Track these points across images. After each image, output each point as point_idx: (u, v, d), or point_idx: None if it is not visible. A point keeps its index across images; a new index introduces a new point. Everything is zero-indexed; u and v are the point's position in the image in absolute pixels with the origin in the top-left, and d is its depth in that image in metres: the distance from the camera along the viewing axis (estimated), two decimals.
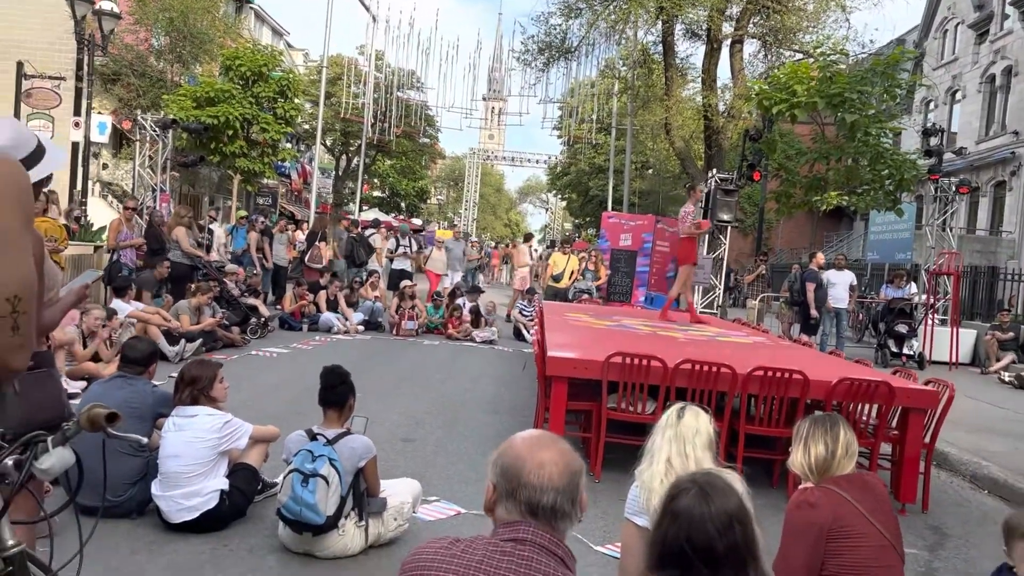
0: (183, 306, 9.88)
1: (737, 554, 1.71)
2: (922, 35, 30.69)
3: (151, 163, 16.31)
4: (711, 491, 1.77)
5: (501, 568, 1.61)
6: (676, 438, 2.83)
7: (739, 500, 1.78)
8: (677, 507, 1.77)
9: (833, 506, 2.71)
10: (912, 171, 13.16)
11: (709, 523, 1.71)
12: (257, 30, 34.61)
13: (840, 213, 29.97)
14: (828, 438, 2.86)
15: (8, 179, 1.53)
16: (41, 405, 2.36)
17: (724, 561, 1.70)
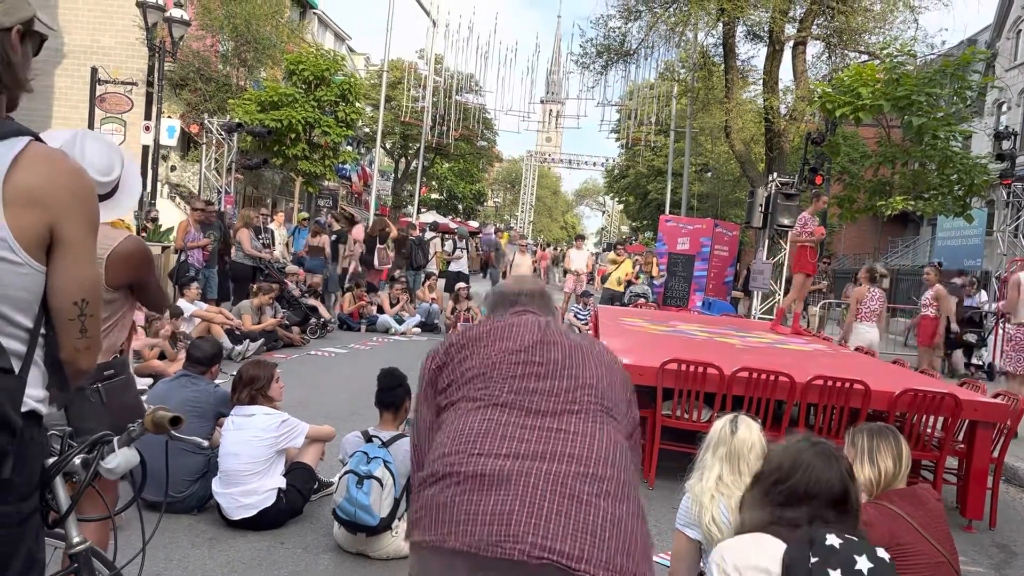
0: (245, 306, 10.12)
1: (852, 504, 2.05)
2: (994, 35, 29.65)
3: (217, 165, 16.77)
4: (830, 451, 2.12)
5: (520, 323, 2.11)
6: (730, 456, 2.79)
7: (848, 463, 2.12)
8: (804, 459, 2.07)
9: (887, 523, 2.63)
10: (983, 175, 12.73)
11: (834, 475, 2.04)
12: (320, 35, 35.26)
13: (905, 218, 29.09)
14: (895, 452, 2.79)
15: (77, 188, 1.60)
16: (125, 411, 2.48)
17: (843, 507, 2.03)
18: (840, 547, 1.91)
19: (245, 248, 12.00)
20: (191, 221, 11.58)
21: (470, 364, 1.97)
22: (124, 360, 2.88)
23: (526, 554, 1.53)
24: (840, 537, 1.94)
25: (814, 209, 10.12)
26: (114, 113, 19.07)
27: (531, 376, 1.87)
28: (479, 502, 1.61)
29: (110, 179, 2.65)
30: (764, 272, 15.89)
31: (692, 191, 30.88)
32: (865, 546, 1.97)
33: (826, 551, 1.90)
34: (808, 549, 1.91)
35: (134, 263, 2.79)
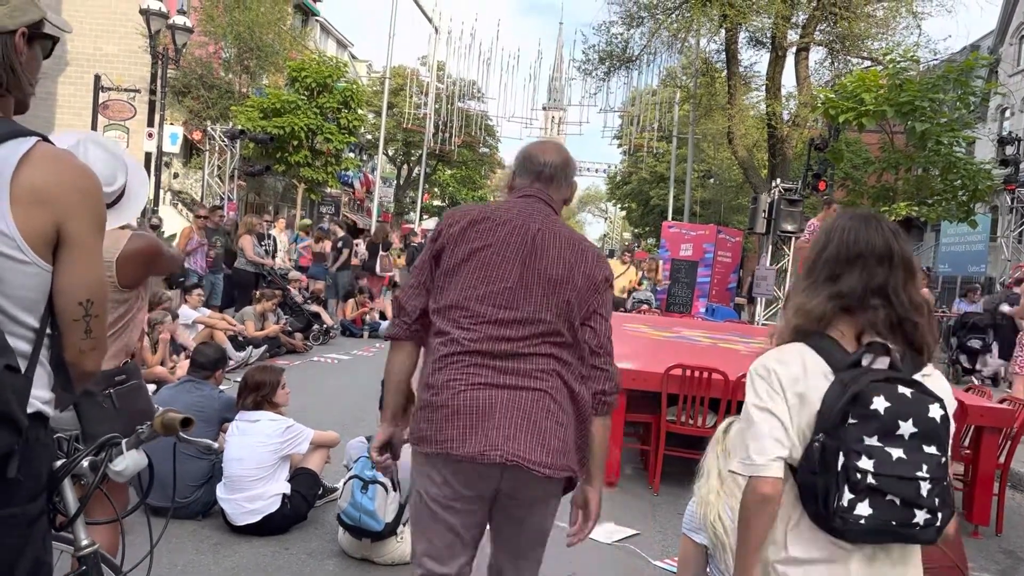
0: (248, 312, 10.12)
1: (906, 259, 1.86)
2: (997, 41, 29.66)
3: (219, 172, 16.81)
4: (868, 215, 1.95)
5: (517, 207, 2.36)
6: (724, 453, 2.79)
7: (896, 227, 1.95)
8: (839, 224, 1.94)
9: None
10: (987, 181, 12.70)
11: (873, 232, 1.87)
12: (322, 42, 35.37)
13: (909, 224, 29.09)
14: None
15: (83, 188, 1.59)
16: (137, 416, 2.47)
17: (890, 263, 1.84)
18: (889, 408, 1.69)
19: (248, 255, 12.02)
20: (194, 228, 11.59)
21: (458, 282, 2.27)
22: (135, 365, 2.88)
23: (506, 458, 2.10)
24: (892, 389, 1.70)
25: (824, 216, 9.94)
26: (117, 120, 19.14)
27: (503, 323, 2.22)
28: (469, 423, 2.14)
29: (113, 189, 2.64)
30: (768, 278, 15.88)
31: (695, 197, 30.88)
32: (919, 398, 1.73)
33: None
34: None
35: (145, 259, 2.81)
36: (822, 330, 1.84)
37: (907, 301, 1.82)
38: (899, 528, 1.68)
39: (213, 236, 11.84)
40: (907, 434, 1.68)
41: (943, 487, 1.69)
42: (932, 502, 1.67)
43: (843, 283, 1.84)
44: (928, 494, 1.67)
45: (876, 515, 1.66)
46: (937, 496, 1.68)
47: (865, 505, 1.65)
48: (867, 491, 1.65)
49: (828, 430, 1.70)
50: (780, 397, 1.78)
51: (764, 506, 1.74)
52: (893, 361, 1.76)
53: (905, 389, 1.71)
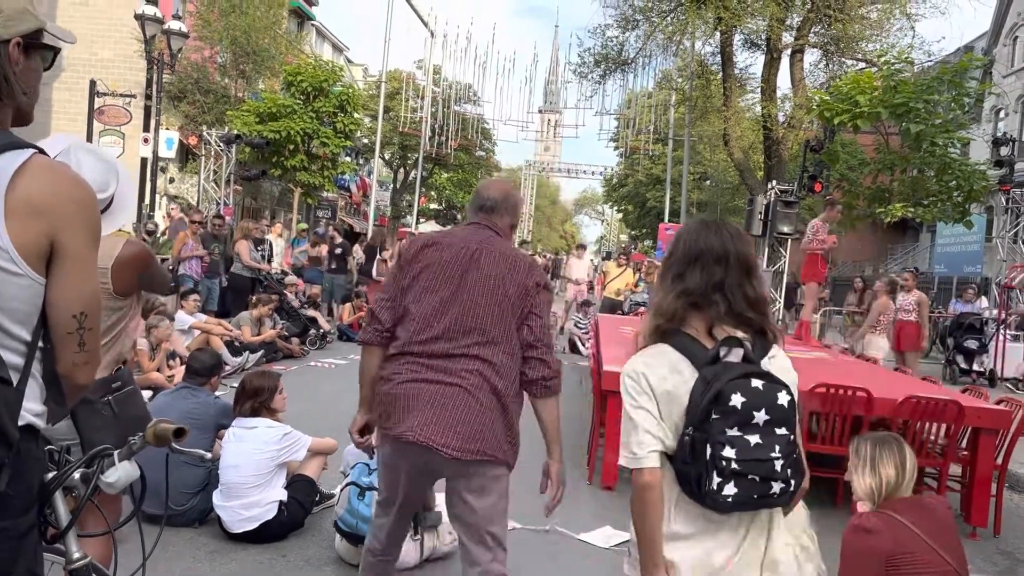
0: (245, 317, 10.10)
1: (742, 259, 2.10)
2: (991, 42, 29.76)
3: (215, 177, 16.79)
4: (713, 222, 2.23)
5: (464, 232, 2.86)
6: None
7: (736, 230, 2.20)
8: (684, 230, 2.25)
9: (893, 532, 2.61)
10: (982, 182, 12.73)
11: (713, 237, 2.12)
12: (318, 46, 35.36)
13: (905, 225, 29.16)
14: (897, 461, 2.77)
15: (78, 200, 1.58)
16: (135, 422, 2.46)
17: (726, 264, 2.07)
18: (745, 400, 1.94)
19: (244, 260, 12.00)
20: (189, 233, 11.58)
21: (409, 295, 2.76)
22: (128, 371, 2.87)
23: (417, 439, 2.60)
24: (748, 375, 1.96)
25: (827, 217, 9.83)
26: (112, 126, 19.10)
27: (439, 329, 2.68)
28: (401, 410, 2.66)
29: (105, 195, 2.64)
30: (764, 280, 15.86)
31: (691, 199, 30.91)
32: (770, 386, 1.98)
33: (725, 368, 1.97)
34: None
35: (138, 266, 2.82)
36: (678, 327, 2.08)
37: (743, 297, 2.07)
38: (760, 499, 1.95)
39: (212, 243, 11.83)
40: (761, 421, 1.93)
41: (793, 460, 1.97)
42: (785, 474, 1.95)
43: (688, 281, 2.09)
44: (782, 468, 1.94)
45: (740, 493, 1.92)
46: (789, 468, 1.96)
47: (731, 486, 1.91)
48: (731, 475, 1.91)
49: (695, 424, 1.95)
50: (649, 397, 2.02)
51: (648, 492, 1.99)
52: (746, 352, 2.00)
53: (758, 382, 1.95)
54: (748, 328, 2.06)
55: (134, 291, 2.84)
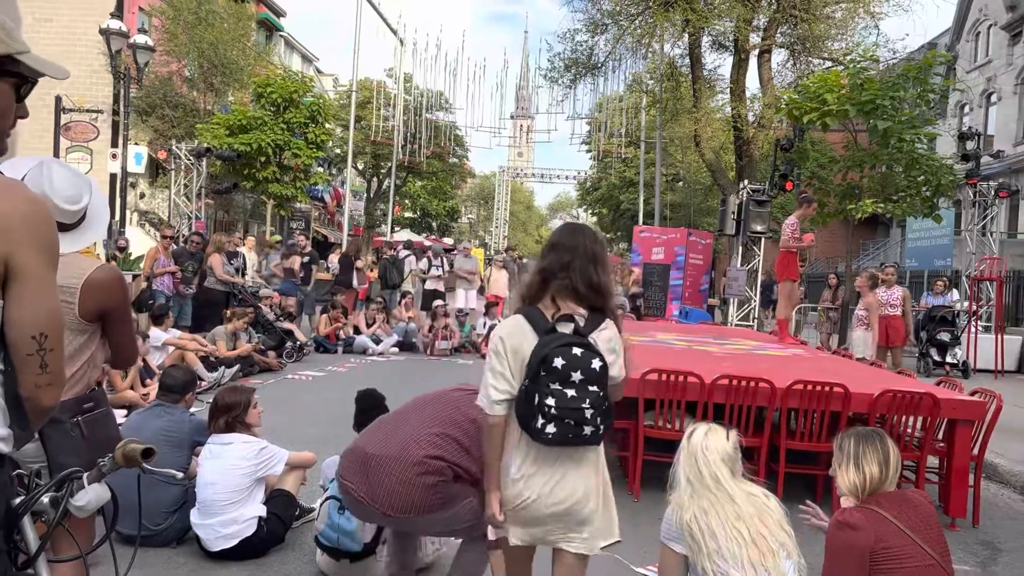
0: (220, 332, 10.00)
1: (591, 252, 2.71)
2: (954, 38, 30.25)
3: (186, 191, 16.62)
4: (576, 225, 2.90)
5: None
6: (689, 462, 2.83)
7: (593, 233, 2.82)
8: (558, 229, 2.89)
9: (875, 527, 2.63)
10: (949, 176, 12.91)
11: (566, 233, 2.80)
12: (287, 57, 35.18)
13: (876, 220, 29.53)
14: (881, 456, 2.79)
15: (32, 218, 1.54)
16: (105, 444, 2.38)
17: (568, 251, 2.71)
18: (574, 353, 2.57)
19: (217, 274, 11.88)
20: (160, 248, 11.44)
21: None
22: (101, 392, 2.79)
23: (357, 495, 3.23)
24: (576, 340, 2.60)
25: (802, 214, 9.81)
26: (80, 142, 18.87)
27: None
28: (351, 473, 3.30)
29: (78, 207, 2.59)
30: (739, 279, 16.01)
31: (664, 201, 31.06)
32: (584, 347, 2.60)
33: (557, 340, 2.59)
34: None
35: (108, 291, 2.66)
36: (534, 303, 2.71)
37: (586, 279, 2.67)
38: (574, 438, 2.58)
39: (187, 260, 11.70)
40: (577, 380, 2.55)
41: (602, 410, 2.59)
42: (595, 420, 2.58)
43: (545, 261, 2.73)
44: (591, 416, 2.57)
45: (558, 432, 2.56)
46: (599, 416, 2.58)
47: (551, 426, 2.55)
48: (552, 418, 2.55)
49: (530, 379, 2.58)
50: (503, 357, 2.66)
51: (493, 430, 2.69)
52: (576, 325, 2.63)
53: (578, 350, 2.57)
54: (587, 306, 2.67)
55: (96, 319, 2.67)
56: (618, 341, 2.72)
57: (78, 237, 2.63)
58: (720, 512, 2.69)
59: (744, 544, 2.62)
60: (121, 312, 2.73)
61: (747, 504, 2.71)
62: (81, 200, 2.60)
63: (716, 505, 2.70)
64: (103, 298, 2.63)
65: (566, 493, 2.67)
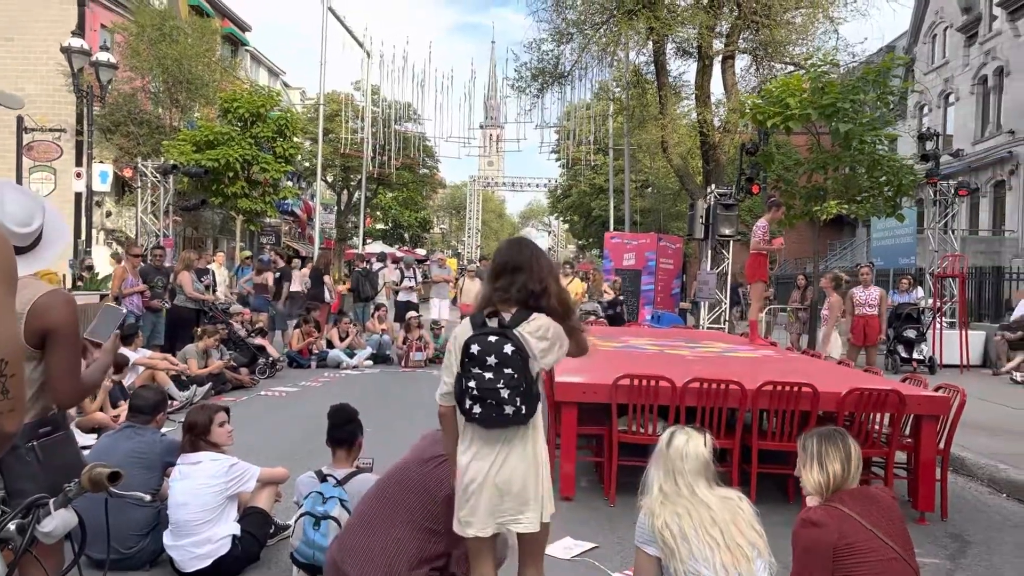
0: (190, 350, 9.90)
1: (504, 270, 3.03)
2: (911, 41, 30.85)
3: (153, 209, 16.44)
4: (519, 239, 3.29)
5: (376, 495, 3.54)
6: (666, 468, 2.88)
7: (524, 246, 3.14)
8: (498, 247, 3.21)
9: (838, 524, 2.69)
10: (910, 176, 13.17)
11: (512, 251, 3.09)
12: (253, 71, 34.97)
13: (841, 221, 29.97)
14: (843, 455, 2.85)
15: None
16: (64, 470, 2.33)
17: (514, 269, 3.00)
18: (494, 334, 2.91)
19: (187, 291, 11.76)
20: (127, 268, 11.29)
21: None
22: (62, 415, 2.71)
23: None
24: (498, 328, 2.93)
25: (771, 217, 9.90)
26: (43, 161, 18.61)
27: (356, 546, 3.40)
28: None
29: (30, 230, 2.56)
30: (709, 282, 16.16)
31: (634, 207, 31.30)
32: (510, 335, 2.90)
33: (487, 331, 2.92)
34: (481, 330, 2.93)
35: (49, 316, 2.47)
36: (485, 308, 3.00)
37: (523, 292, 2.96)
38: (498, 418, 2.87)
39: (155, 276, 11.55)
40: (492, 364, 2.85)
41: (520, 391, 2.85)
42: (515, 401, 2.84)
43: (495, 283, 3.04)
44: (509, 396, 2.84)
45: (483, 412, 2.87)
46: (517, 396, 2.85)
47: (477, 407, 2.87)
48: (475, 399, 2.87)
49: (460, 366, 2.93)
50: (454, 354, 2.99)
51: (444, 419, 3.09)
52: (500, 319, 2.94)
53: (493, 337, 2.88)
54: (527, 308, 2.96)
55: (38, 346, 2.48)
56: (549, 329, 2.97)
57: (33, 260, 2.59)
58: (694, 516, 2.74)
59: (717, 549, 2.67)
60: (61, 339, 2.50)
61: (722, 509, 2.76)
62: (33, 223, 2.57)
63: (691, 510, 2.76)
64: (43, 323, 2.47)
65: (509, 471, 2.94)
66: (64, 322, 2.49)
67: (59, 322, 2.48)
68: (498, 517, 2.95)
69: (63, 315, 2.50)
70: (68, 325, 2.51)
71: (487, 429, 2.93)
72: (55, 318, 2.47)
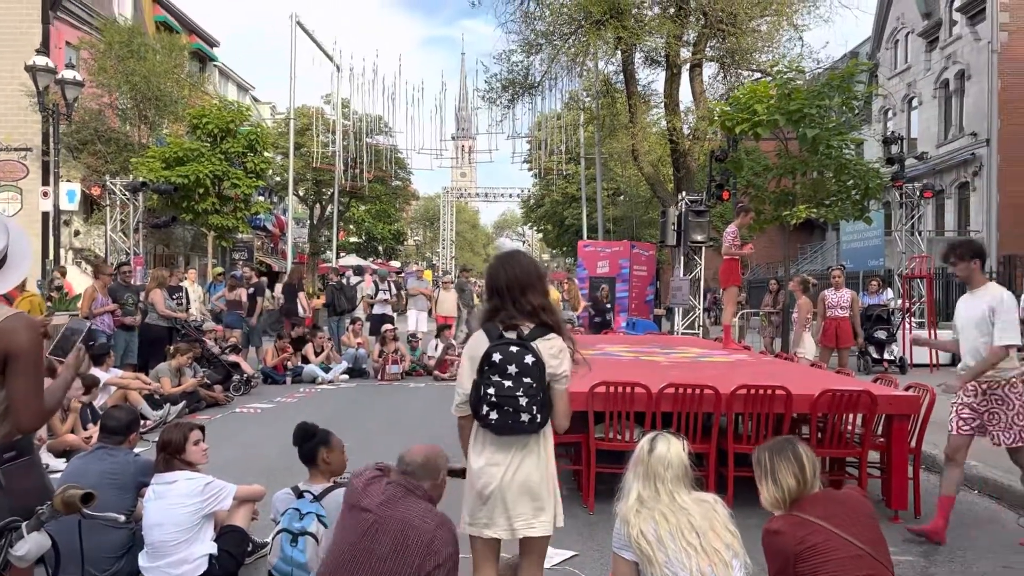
0: (163, 369, 9.79)
1: (512, 288, 3.12)
2: (874, 47, 31.39)
3: (123, 227, 16.26)
4: (505, 255, 3.35)
5: (388, 491, 3.15)
6: (646, 474, 2.88)
7: (526, 264, 3.22)
8: (489, 266, 3.32)
9: (796, 531, 2.77)
10: (876, 179, 13.39)
11: (500, 269, 3.20)
12: (222, 87, 34.74)
13: (811, 225, 30.37)
14: (795, 468, 2.89)
15: None
16: (29, 495, 2.29)
17: (507, 291, 3.13)
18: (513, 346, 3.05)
19: (159, 309, 11.63)
20: (97, 287, 11.14)
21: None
22: (27, 440, 2.65)
23: None
24: (517, 339, 3.07)
25: (741, 223, 10.06)
26: (9, 181, 18.37)
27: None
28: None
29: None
30: (682, 288, 16.27)
31: (607, 215, 31.45)
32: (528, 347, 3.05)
33: (504, 344, 3.05)
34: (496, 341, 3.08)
35: (9, 339, 2.43)
36: (492, 320, 3.14)
37: (525, 304, 3.11)
38: (514, 424, 3.01)
39: (125, 293, 11.40)
40: (513, 372, 3.00)
41: (538, 400, 3.01)
42: (531, 409, 3.00)
43: (489, 304, 3.20)
44: (527, 405, 2.99)
45: (499, 418, 3.01)
46: (534, 405, 3.00)
47: (494, 413, 3.01)
48: (493, 406, 3.01)
49: (478, 374, 3.06)
50: (468, 365, 3.13)
51: (464, 422, 3.23)
52: (519, 334, 3.07)
53: (514, 348, 3.03)
54: (534, 320, 3.10)
55: (1, 372, 2.45)
56: (563, 350, 3.13)
57: (1, 280, 2.57)
58: (671, 521, 2.76)
59: (695, 553, 2.70)
60: (23, 364, 2.45)
61: (700, 516, 2.79)
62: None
63: (668, 515, 2.78)
64: (4, 348, 2.43)
65: (524, 477, 3.07)
66: (26, 346, 2.45)
67: (21, 346, 2.44)
68: (515, 521, 3.08)
69: (25, 339, 2.46)
70: (30, 349, 2.47)
71: (501, 436, 3.06)
72: (17, 342, 2.43)
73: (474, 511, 3.14)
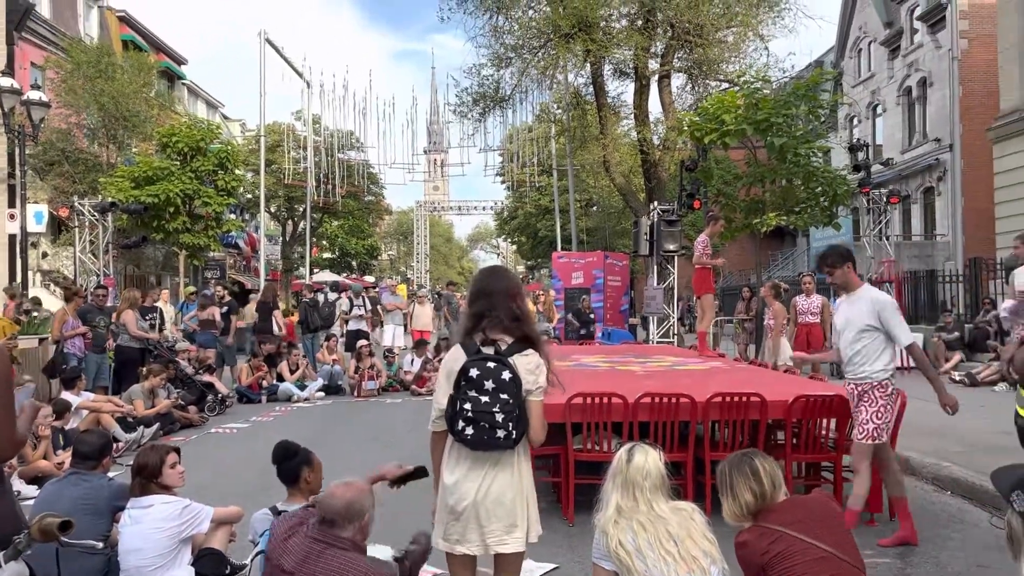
0: (136, 391, 9.66)
1: (501, 292, 3.16)
2: (838, 56, 31.90)
3: (92, 248, 16.07)
4: (492, 268, 3.57)
5: (306, 548, 3.14)
6: (625, 484, 2.91)
7: (513, 276, 3.39)
8: (477, 276, 3.39)
9: (759, 540, 2.82)
10: (844, 186, 13.60)
11: (485, 278, 3.29)
12: (191, 105, 34.51)
13: (781, 232, 30.71)
14: (752, 483, 2.93)
15: None
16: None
17: (490, 295, 3.16)
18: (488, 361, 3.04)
19: (131, 331, 11.48)
20: (68, 310, 10.99)
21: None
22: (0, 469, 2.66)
23: None
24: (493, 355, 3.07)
25: (711, 231, 10.17)
26: None
27: None
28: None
29: None
30: (656, 297, 16.38)
31: (580, 226, 31.61)
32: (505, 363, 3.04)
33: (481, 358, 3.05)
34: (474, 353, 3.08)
35: None
36: (470, 335, 3.15)
37: (508, 315, 3.12)
38: (489, 440, 2.99)
39: (97, 316, 11.26)
40: (490, 388, 2.99)
41: (514, 416, 2.99)
42: (507, 425, 2.98)
43: (475, 307, 3.20)
44: (503, 421, 2.97)
45: (475, 433, 2.99)
46: (510, 421, 2.98)
47: (470, 428, 2.98)
48: (469, 421, 2.98)
49: (455, 389, 3.04)
50: (445, 381, 3.11)
51: (437, 439, 3.20)
52: (497, 349, 3.08)
53: (491, 364, 3.02)
54: (511, 334, 3.11)
55: None
56: (539, 366, 3.13)
57: None
58: (649, 530, 2.80)
59: (673, 562, 2.73)
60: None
61: (677, 524, 2.83)
62: None
63: (646, 525, 2.82)
64: None
65: (497, 493, 3.06)
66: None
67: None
68: (488, 537, 3.07)
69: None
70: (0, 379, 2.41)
71: (476, 451, 3.04)
72: None
73: (447, 527, 3.13)
